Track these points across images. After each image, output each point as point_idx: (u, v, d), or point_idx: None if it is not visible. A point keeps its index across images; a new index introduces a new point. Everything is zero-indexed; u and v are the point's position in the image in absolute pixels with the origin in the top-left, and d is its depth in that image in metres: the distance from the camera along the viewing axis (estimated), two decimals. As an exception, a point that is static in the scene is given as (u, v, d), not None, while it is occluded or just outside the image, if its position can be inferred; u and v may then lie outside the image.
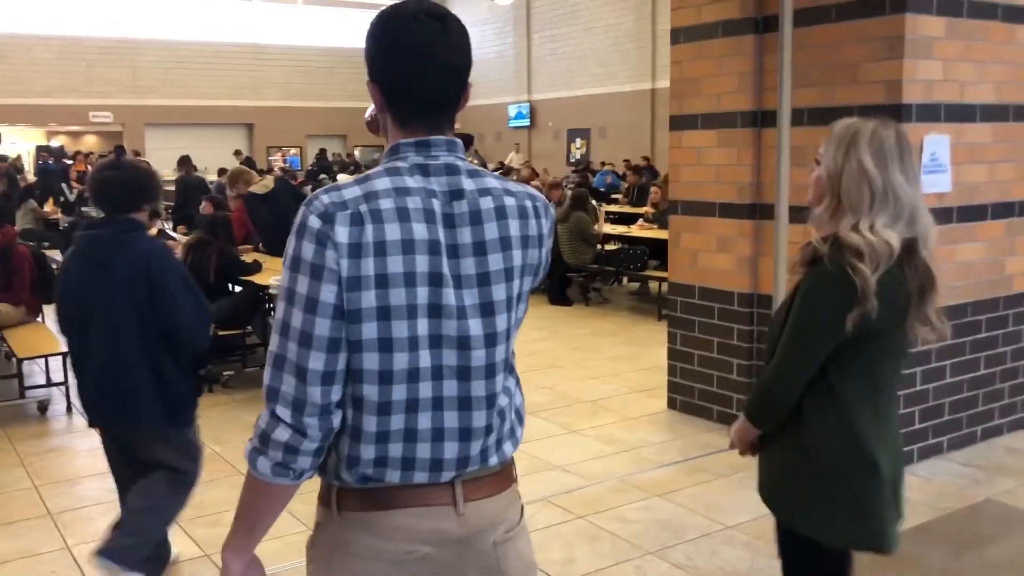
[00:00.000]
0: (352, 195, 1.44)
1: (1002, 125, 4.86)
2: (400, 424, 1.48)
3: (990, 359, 5.01)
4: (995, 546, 3.82)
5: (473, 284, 1.48)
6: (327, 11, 29.03)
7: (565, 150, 27.55)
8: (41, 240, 11.65)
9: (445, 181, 1.50)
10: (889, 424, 2.14)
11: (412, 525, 1.52)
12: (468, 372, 1.49)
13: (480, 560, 1.58)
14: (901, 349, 2.13)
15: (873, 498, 2.06)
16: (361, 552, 1.53)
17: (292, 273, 1.43)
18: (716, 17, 5.20)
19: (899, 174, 2.01)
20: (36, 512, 4.36)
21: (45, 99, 25.40)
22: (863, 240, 1.96)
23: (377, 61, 1.51)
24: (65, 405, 6.07)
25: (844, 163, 2.03)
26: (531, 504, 4.31)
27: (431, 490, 1.53)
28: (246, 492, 1.54)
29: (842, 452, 2.06)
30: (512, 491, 1.66)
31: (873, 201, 1.99)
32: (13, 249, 6.67)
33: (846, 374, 2.06)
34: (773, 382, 2.12)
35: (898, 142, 2.04)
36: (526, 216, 1.55)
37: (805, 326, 2.05)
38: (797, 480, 2.13)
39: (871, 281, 1.94)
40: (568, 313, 9.44)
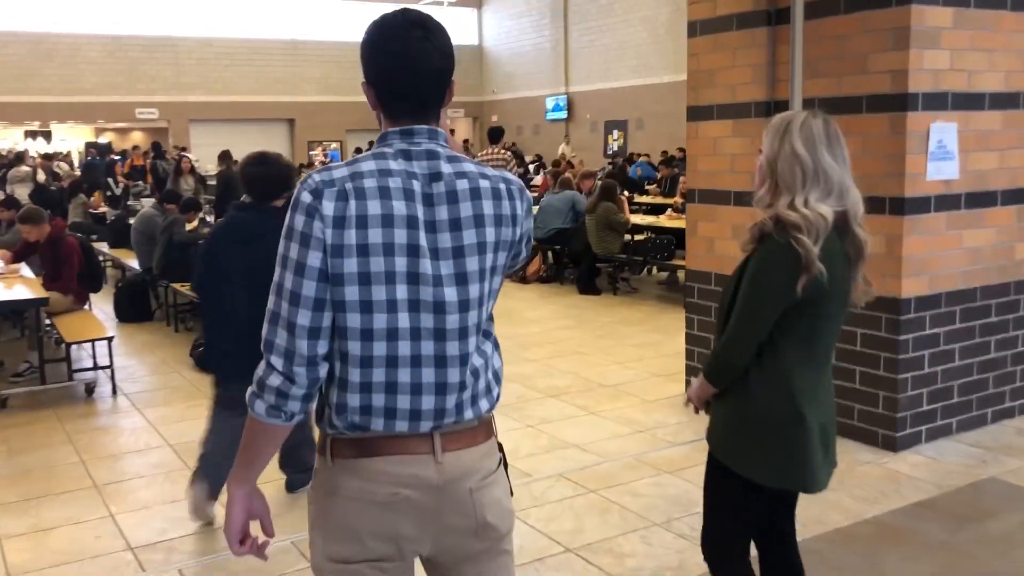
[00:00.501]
0: (340, 175, 1.66)
1: (1013, 113, 4.94)
2: (381, 377, 1.68)
3: (1001, 343, 5.09)
4: (993, 521, 3.94)
5: (449, 256, 1.68)
6: (364, 6, 29.32)
7: (602, 142, 27.62)
8: (90, 233, 12.08)
9: (426, 165, 1.71)
10: (821, 380, 2.38)
11: (395, 470, 1.71)
12: (444, 333, 1.69)
13: (458, 504, 1.75)
14: (839, 313, 2.35)
15: (800, 445, 2.31)
16: (350, 494, 1.72)
17: (286, 241, 1.66)
18: (731, 10, 5.33)
19: (827, 156, 2.25)
20: (83, 484, 4.66)
21: (93, 96, 26.09)
22: (799, 215, 2.20)
23: (370, 65, 1.73)
24: (111, 387, 6.39)
25: (779, 149, 2.27)
26: (546, 479, 4.52)
27: (412, 440, 1.72)
28: (247, 432, 1.76)
29: (775, 404, 2.31)
30: (489, 444, 1.82)
31: (805, 180, 2.23)
32: (63, 240, 7.01)
33: (788, 336, 2.29)
34: (730, 346, 2.35)
35: (825, 128, 2.28)
36: (500, 197, 1.74)
37: (758, 296, 2.28)
38: (738, 429, 2.39)
39: (813, 250, 2.17)
40: (596, 302, 9.61)
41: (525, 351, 7.17)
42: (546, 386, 6.26)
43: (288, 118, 29.16)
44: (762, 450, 2.34)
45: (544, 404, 5.87)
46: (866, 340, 4.80)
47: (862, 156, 4.73)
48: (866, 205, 4.84)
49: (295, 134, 29.36)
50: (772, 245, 2.24)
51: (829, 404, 2.42)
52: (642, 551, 3.74)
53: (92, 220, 13.04)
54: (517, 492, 4.33)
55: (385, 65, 1.71)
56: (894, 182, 4.60)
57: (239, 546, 1.80)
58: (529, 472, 4.63)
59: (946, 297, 4.81)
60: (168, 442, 5.30)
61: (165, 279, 8.41)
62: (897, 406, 4.72)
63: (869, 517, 4.02)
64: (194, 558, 3.77)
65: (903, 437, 4.77)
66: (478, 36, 32.73)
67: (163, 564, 3.73)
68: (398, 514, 1.72)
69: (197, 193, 12.68)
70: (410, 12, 1.74)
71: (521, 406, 5.79)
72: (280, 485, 4.49)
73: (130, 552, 3.85)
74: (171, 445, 5.24)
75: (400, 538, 1.74)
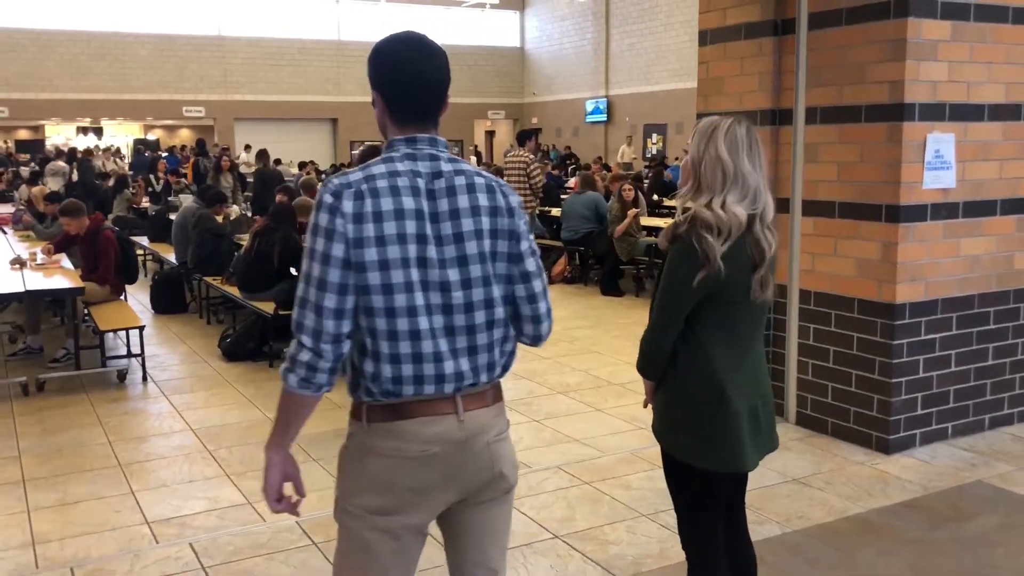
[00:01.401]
0: (355, 178, 1.94)
1: (1014, 124, 5.01)
2: (408, 348, 1.95)
3: (999, 350, 5.17)
4: (972, 522, 4.04)
5: (451, 241, 1.97)
6: (408, 8, 29.77)
7: (641, 145, 27.69)
8: (132, 227, 12.51)
9: (428, 165, 2.00)
10: (745, 366, 2.53)
11: (424, 430, 1.99)
12: (450, 308, 1.98)
13: (477, 456, 2.05)
14: (753, 305, 2.49)
15: (727, 427, 2.47)
16: (386, 452, 2.00)
17: (312, 236, 1.93)
18: (739, 20, 5.46)
19: (747, 161, 2.42)
20: (108, 463, 4.94)
21: (142, 94, 26.80)
22: (713, 215, 2.38)
23: (379, 76, 2.03)
24: (141, 374, 6.70)
25: (704, 152, 2.45)
26: (543, 471, 4.70)
27: (438, 402, 2.00)
28: (281, 402, 2.02)
29: (700, 389, 2.48)
30: (499, 406, 2.12)
31: (725, 182, 2.41)
32: (101, 233, 7.34)
33: (706, 325, 2.47)
34: (646, 338, 2.54)
35: (748, 136, 2.45)
36: (493, 192, 2.05)
37: (670, 290, 2.46)
38: (671, 415, 2.55)
39: (715, 248, 2.35)
40: (618, 303, 9.76)
41: (539, 349, 7.33)
42: (556, 383, 6.44)
43: (332, 118, 29.66)
44: (691, 434, 2.51)
45: (552, 400, 6.06)
46: (861, 344, 4.92)
47: (860, 164, 4.87)
48: (863, 212, 4.97)
49: (338, 133, 29.86)
50: (681, 243, 2.43)
51: (758, 387, 2.56)
52: (626, 539, 3.91)
53: (136, 215, 13.49)
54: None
55: (394, 76, 2.01)
56: (890, 189, 4.71)
57: (276, 504, 2.08)
58: (528, 463, 4.81)
59: (942, 303, 4.90)
60: (191, 427, 5.58)
61: (198, 273, 8.74)
62: (891, 409, 4.83)
63: (851, 514, 4.14)
64: (204, 533, 4.01)
65: (896, 440, 4.87)
66: (520, 38, 32.97)
67: (175, 538, 3.98)
68: (428, 468, 2.00)
69: (235, 191, 13.05)
70: (414, 33, 2.05)
71: (530, 401, 5.98)
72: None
73: (146, 526, 4.11)
74: (193, 430, 5.52)
75: (431, 488, 2.01)
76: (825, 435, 5.14)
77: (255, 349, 7.22)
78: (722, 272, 2.36)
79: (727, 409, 2.47)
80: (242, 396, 6.24)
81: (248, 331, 7.33)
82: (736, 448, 2.50)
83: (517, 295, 2.08)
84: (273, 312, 6.92)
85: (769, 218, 2.46)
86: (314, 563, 3.68)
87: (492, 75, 31.99)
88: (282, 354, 7.03)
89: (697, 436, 2.50)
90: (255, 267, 7.28)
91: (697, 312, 2.45)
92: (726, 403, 2.47)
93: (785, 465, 4.70)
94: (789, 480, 4.53)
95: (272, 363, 7.02)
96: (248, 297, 7.34)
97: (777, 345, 5.40)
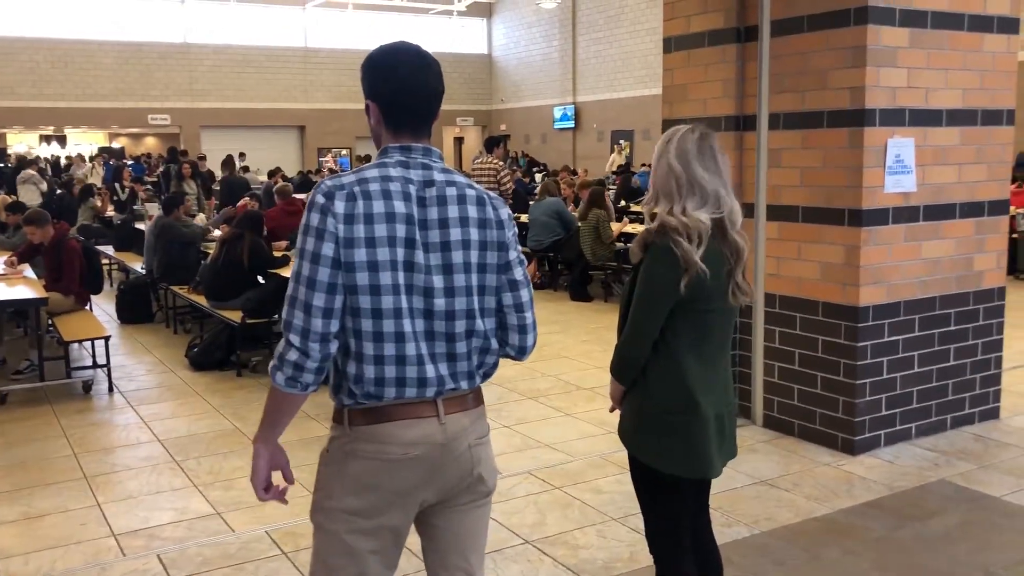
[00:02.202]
0: (348, 180, 1.98)
1: (971, 129, 5.11)
2: (392, 351, 1.98)
3: (960, 351, 5.26)
4: (935, 520, 4.11)
5: (437, 249, 2.00)
6: (376, 15, 29.72)
7: (609, 151, 27.81)
8: (98, 236, 12.38)
9: (420, 174, 2.04)
10: (716, 372, 2.57)
11: (406, 433, 2.02)
12: (432, 314, 2.01)
13: (459, 459, 2.08)
14: (726, 311, 2.54)
15: (696, 434, 2.50)
16: (368, 455, 2.02)
17: (303, 236, 1.97)
18: (703, 27, 5.53)
19: (700, 168, 2.46)
20: (73, 476, 4.88)
21: (106, 103, 26.49)
22: (678, 221, 2.42)
23: (379, 87, 2.05)
24: (107, 385, 6.63)
25: (658, 162, 2.51)
26: (514, 476, 4.72)
27: (419, 406, 2.03)
28: (270, 399, 2.06)
29: (671, 396, 2.51)
30: (480, 410, 2.15)
31: (680, 190, 2.45)
32: (65, 243, 7.26)
33: (678, 332, 2.49)
34: (626, 344, 2.55)
35: (698, 144, 2.49)
36: (483, 204, 2.08)
37: (647, 296, 2.48)
38: (640, 421, 2.58)
39: (692, 252, 2.39)
40: (587, 308, 9.81)
41: (510, 355, 7.36)
42: (527, 388, 6.46)
43: (299, 125, 29.51)
44: (660, 440, 2.53)
45: (523, 405, 6.07)
46: (826, 346, 4.98)
47: (823, 169, 4.94)
48: (826, 216, 5.05)
49: (306, 141, 29.72)
50: (656, 249, 2.46)
51: (725, 395, 2.60)
52: (596, 543, 3.93)
53: (101, 224, 13.35)
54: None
55: (398, 88, 2.04)
56: (852, 194, 4.79)
57: (264, 493, 2.14)
58: (499, 470, 4.79)
59: (905, 306, 4.99)
60: (158, 437, 5.52)
61: (165, 281, 8.66)
62: (855, 411, 4.90)
63: (818, 515, 4.19)
64: (172, 544, 3.98)
65: (861, 441, 4.94)
66: (487, 45, 33.03)
67: (143, 550, 3.94)
68: (408, 469, 2.03)
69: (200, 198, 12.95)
70: (411, 44, 2.09)
71: (500, 407, 5.99)
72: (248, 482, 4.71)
73: (113, 539, 4.07)
74: (160, 440, 5.47)
75: (409, 489, 2.04)
76: (792, 437, 5.20)
77: (223, 358, 7.17)
78: (706, 273, 2.40)
79: (696, 416, 2.50)
80: (210, 406, 6.19)
81: (215, 340, 7.28)
82: (704, 455, 2.52)
83: (504, 304, 2.11)
84: (240, 321, 6.88)
85: (738, 222, 2.50)
86: (284, 573, 3.66)
87: (460, 82, 32.01)
88: (250, 363, 7.06)
89: (666, 442, 2.52)
90: (222, 275, 7.23)
91: (670, 319, 2.48)
92: (696, 410, 2.50)
93: (753, 467, 4.75)
94: (757, 482, 4.58)
95: (240, 372, 6.97)
96: (215, 306, 7.29)
97: (743, 348, 5.45)
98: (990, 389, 5.43)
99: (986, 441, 5.15)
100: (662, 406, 2.52)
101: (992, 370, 5.43)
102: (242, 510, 4.35)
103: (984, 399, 5.42)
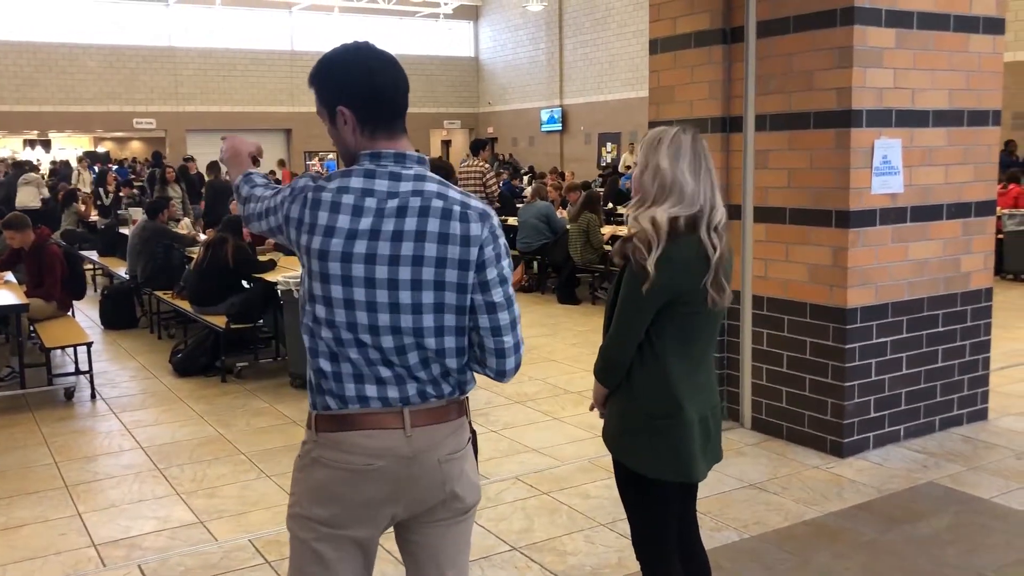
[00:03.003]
0: (306, 185, 1.97)
1: (957, 130, 5.10)
2: (349, 368, 1.95)
3: (948, 352, 5.24)
4: (923, 523, 4.09)
5: (385, 263, 1.90)
6: (362, 18, 29.66)
7: (596, 154, 27.83)
8: (81, 241, 12.27)
9: (386, 184, 1.93)
10: (700, 375, 2.53)
11: (369, 443, 1.95)
12: (377, 329, 1.93)
13: (428, 474, 1.99)
14: (712, 313, 2.49)
15: (681, 437, 2.47)
16: (331, 463, 1.96)
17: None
18: (689, 28, 5.50)
19: (686, 171, 2.42)
20: (54, 484, 4.81)
21: (90, 106, 26.32)
22: (639, 227, 2.39)
23: (349, 90, 1.95)
24: (89, 392, 6.55)
25: (647, 162, 2.45)
26: (502, 482, 4.67)
27: (385, 416, 1.96)
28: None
29: (656, 399, 2.47)
30: (459, 423, 2.05)
31: (662, 192, 2.41)
32: (45, 248, 7.17)
33: (663, 335, 2.45)
34: (610, 347, 2.51)
35: (692, 144, 2.45)
36: (450, 218, 1.92)
37: (629, 299, 2.44)
38: (626, 425, 2.54)
39: (644, 257, 2.35)
40: (575, 311, 9.77)
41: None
42: (513, 392, 6.41)
43: (285, 128, 29.40)
44: (646, 443, 2.50)
45: (510, 410, 6.03)
46: (814, 349, 4.96)
47: (809, 170, 4.92)
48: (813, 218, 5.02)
49: (292, 144, 29.61)
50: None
51: (709, 398, 2.57)
52: (584, 549, 3.89)
53: (85, 229, 13.23)
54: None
55: (372, 89, 1.95)
56: (840, 195, 4.77)
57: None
58: (486, 475, 4.77)
59: (892, 307, 4.97)
60: (140, 445, 5.45)
61: (149, 287, 8.58)
62: (844, 413, 4.87)
63: (808, 519, 4.16)
64: (154, 554, 3.91)
65: (850, 443, 4.91)
66: (474, 48, 33.00)
67: (123, 560, 3.88)
68: (372, 481, 1.96)
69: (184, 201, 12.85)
70: (366, 42, 2.01)
71: (487, 411, 5.94)
72: (231, 490, 4.66)
73: (93, 549, 4.00)
74: (143, 448, 5.40)
75: (374, 502, 1.97)
76: (780, 439, 5.17)
77: (207, 364, 7.09)
78: (656, 283, 2.35)
79: (681, 419, 2.47)
80: (194, 412, 6.12)
81: (199, 346, 7.20)
82: (689, 459, 2.49)
83: (480, 326, 1.97)
84: (225, 327, 6.81)
85: (716, 221, 2.44)
86: (267, 582, 3.61)
87: (447, 85, 31.98)
88: (235, 368, 6.99)
89: (651, 446, 2.49)
90: (207, 280, 7.16)
91: (655, 322, 2.44)
92: (681, 413, 2.46)
93: (741, 470, 4.72)
94: (746, 485, 4.54)
95: (224, 378, 6.90)
96: (199, 311, 7.22)
97: (731, 351, 5.43)
98: (978, 390, 5.42)
99: (975, 442, 5.13)
100: (646, 409, 2.49)
101: (980, 371, 5.41)
102: (225, 519, 4.29)
103: (972, 400, 5.40)
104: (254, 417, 5.99)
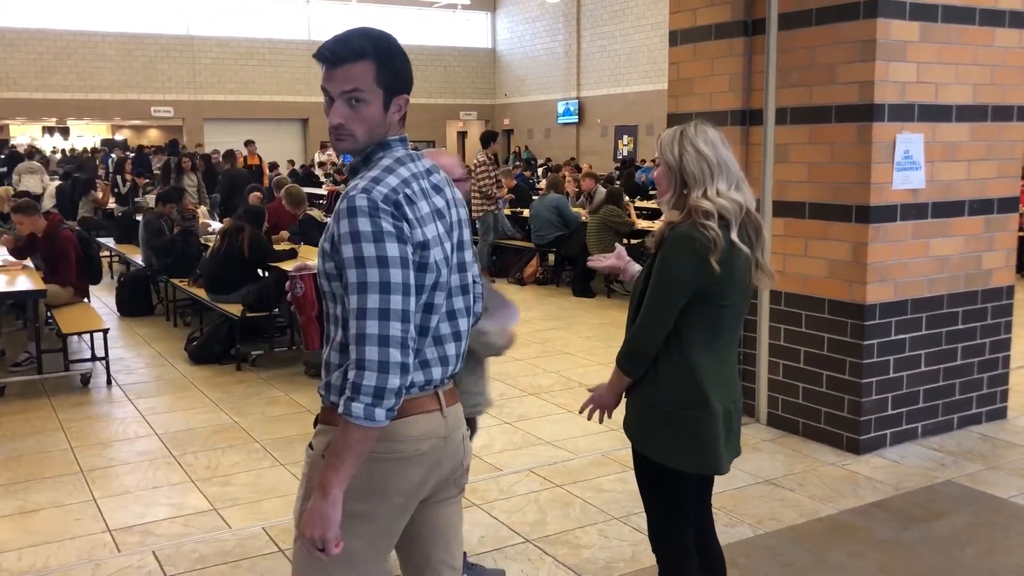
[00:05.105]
0: (396, 183, 1.92)
1: (981, 125, 5.04)
2: (435, 352, 2.01)
3: (968, 350, 5.19)
4: (940, 522, 4.05)
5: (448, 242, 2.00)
6: (380, 8, 29.63)
7: (612, 146, 27.74)
8: (98, 229, 12.33)
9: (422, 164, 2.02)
10: (726, 367, 2.52)
11: (415, 429, 1.97)
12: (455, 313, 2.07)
13: (454, 451, 2.06)
14: (740, 303, 2.49)
15: (707, 429, 2.45)
16: (378, 456, 1.92)
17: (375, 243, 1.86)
18: (709, 20, 5.45)
19: (725, 152, 2.43)
20: (70, 470, 4.83)
21: (109, 94, 26.44)
22: (712, 204, 2.36)
23: (408, 78, 1.99)
24: (105, 378, 6.58)
25: (682, 152, 2.42)
26: (515, 474, 4.66)
27: (425, 399, 1.99)
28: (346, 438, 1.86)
29: (683, 391, 2.45)
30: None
31: (712, 173, 2.39)
32: (58, 235, 7.20)
33: (692, 325, 2.43)
34: (638, 336, 2.48)
35: (713, 130, 2.46)
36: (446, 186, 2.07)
37: (663, 287, 2.41)
38: (649, 416, 2.51)
39: (720, 235, 2.33)
40: (590, 304, 9.74)
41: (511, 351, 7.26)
42: (528, 385, 6.40)
43: (302, 118, 29.43)
44: (672, 435, 2.47)
45: (524, 402, 6.01)
46: (832, 344, 4.92)
47: (830, 165, 4.87)
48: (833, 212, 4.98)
49: (308, 133, 29.65)
50: (675, 237, 2.40)
51: (732, 391, 2.54)
52: (598, 543, 3.87)
53: (102, 216, 13.31)
54: (485, 485, 4.50)
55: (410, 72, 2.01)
56: (860, 190, 4.72)
57: (335, 548, 1.85)
58: (500, 467, 4.76)
59: (912, 304, 4.92)
60: (155, 431, 5.47)
61: (165, 275, 8.61)
62: (861, 410, 4.83)
63: (823, 515, 4.13)
64: (168, 541, 3.92)
65: (867, 440, 4.87)
66: (491, 40, 32.92)
67: (138, 546, 3.89)
68: (418, 466, 1.98)
69: (200, 190, 12.88)
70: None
71: (502, 404, 5.92)
72: (245, 477, 4.67)
73: (108, 534, 4.02)
74: (158, 434, 5.41)
75: (417, 487, 1.99)
76: (796, 436, 5.14)
77: (222, 352, 7.11)
78: (722, 261, 2.34)
79: (708, 411, 2.45)
80: (209, 400, 6.13)
81: (215, 333, 7.22)
82: (714, 451, 2.47)
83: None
84: (240, 315, 6.82)
85: (754, 205, 2.46)
86: (280, 570, 3.61)
87: (464, 76, 31.92)
88: (250, 357, 7.00)
89: (676, 438, 2.47)
90: (223, 268, 7.18)
91: (684, 313, 2.42)
92: (707, 405, 2.45)
93: (757, 466, 4.69)
94: (761, 481, 4.51)
95: (239, 366, 6.91)
96: (215, 299, 7.24)
97: (748, 346, 5.39)
98: (997, 389, 5.37)
99: (993, 441, 5.08)
100: (673, 400, 2.46)
101: (1000, 369, 5.36)
102: (239, 506, 4.29)
103: (991, 399, 5.35)
104: (268, 405, 6.00)
